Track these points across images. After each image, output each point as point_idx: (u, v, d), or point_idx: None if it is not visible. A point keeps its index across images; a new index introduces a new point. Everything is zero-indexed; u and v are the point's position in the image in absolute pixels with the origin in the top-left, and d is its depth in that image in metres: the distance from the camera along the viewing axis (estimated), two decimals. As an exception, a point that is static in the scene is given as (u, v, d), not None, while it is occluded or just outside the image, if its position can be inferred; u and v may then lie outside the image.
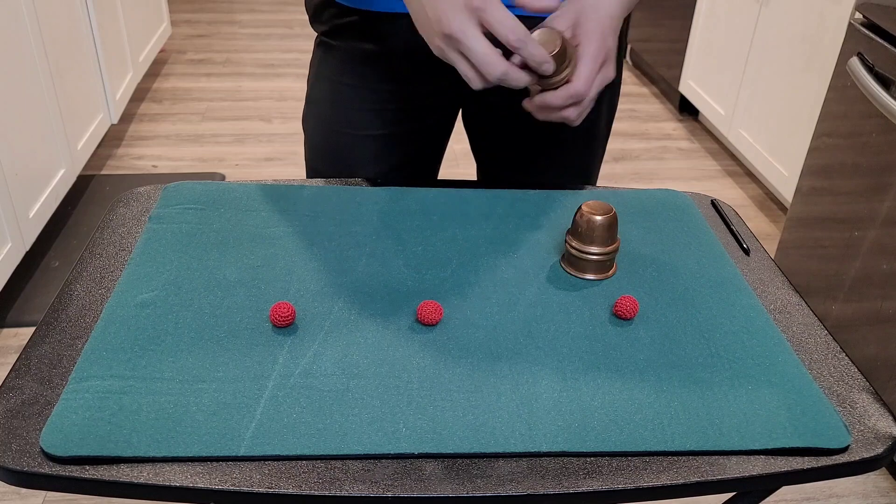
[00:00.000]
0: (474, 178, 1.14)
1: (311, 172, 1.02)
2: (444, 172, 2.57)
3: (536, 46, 0.68)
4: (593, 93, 0.73)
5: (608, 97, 0.97)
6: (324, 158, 0.99)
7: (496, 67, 0.68)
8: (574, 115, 0.74)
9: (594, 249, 0.71)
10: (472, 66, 0.69)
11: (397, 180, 0.93)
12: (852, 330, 1.58)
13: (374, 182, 0.89)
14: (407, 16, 0.85)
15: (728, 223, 0.85)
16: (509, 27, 0.67)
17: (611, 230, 0.71)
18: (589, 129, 0.96)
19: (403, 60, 0.90)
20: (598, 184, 2.35)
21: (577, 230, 0.72)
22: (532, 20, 0.78)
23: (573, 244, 0.72)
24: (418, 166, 1.01)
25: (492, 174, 1.03)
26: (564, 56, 0.70)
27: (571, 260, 0.73)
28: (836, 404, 0.61)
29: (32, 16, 1.89)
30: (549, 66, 0.69)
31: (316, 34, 0.97)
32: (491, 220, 0.81)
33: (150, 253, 0.73)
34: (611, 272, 0.74)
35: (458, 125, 1.26)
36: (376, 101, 0.93)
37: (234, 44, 3.63)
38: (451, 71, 0.85)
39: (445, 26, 0.67)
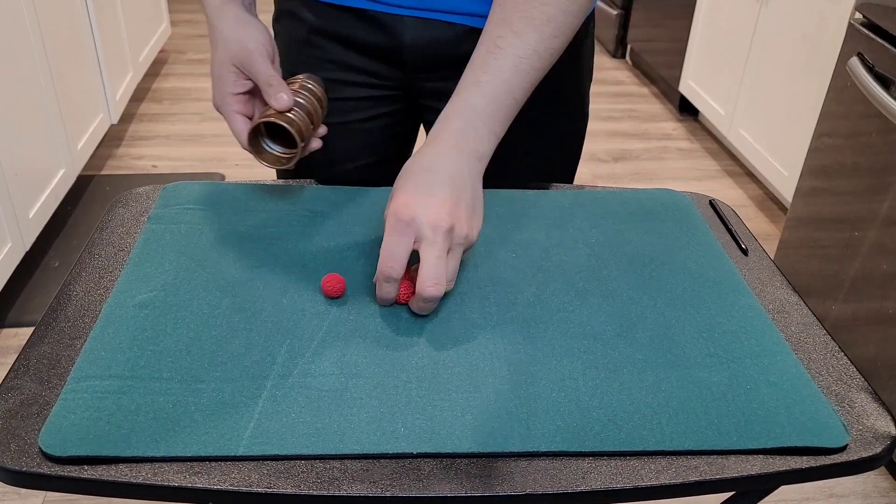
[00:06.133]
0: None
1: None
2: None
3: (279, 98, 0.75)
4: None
5: (577, 74, 0.93)
6: None
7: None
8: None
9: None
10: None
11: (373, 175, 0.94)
12: (852, 330, 1.58)
13: (369, 181, 0.89)
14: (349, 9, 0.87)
15: (726, 223, 0.85)
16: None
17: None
18: (570, 129, 0.97)
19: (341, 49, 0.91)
20: (598, 184, 2.35)
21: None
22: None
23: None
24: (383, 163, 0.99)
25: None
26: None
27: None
28: (834, 404, 0.61)
29: (32, 16, 1.89)
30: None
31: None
32: (489, 220, 0.81)
33: (148, 253, 0.73)
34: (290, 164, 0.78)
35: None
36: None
37: (235, 44, 3.63)
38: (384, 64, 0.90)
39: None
